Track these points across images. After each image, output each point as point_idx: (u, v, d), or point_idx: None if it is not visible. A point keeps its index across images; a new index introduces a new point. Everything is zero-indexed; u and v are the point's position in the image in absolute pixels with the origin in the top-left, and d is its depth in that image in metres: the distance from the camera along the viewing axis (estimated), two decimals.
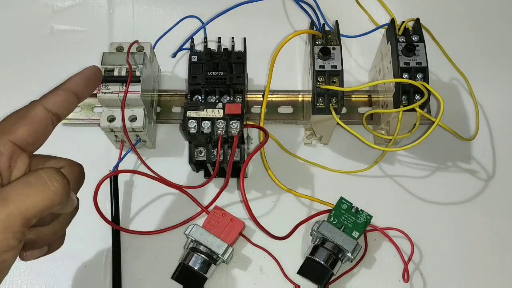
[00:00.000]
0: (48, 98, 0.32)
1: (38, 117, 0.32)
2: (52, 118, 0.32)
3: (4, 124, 0.31)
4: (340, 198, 0.52)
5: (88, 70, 0.35)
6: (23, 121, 0.31)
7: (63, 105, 0.33)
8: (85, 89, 0.35)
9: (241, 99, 0.50)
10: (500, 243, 0.53)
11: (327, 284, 0.49)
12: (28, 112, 0.32)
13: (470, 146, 0.57)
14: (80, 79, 0.34)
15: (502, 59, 0.63)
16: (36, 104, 0.32)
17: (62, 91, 0.33)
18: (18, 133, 0.31)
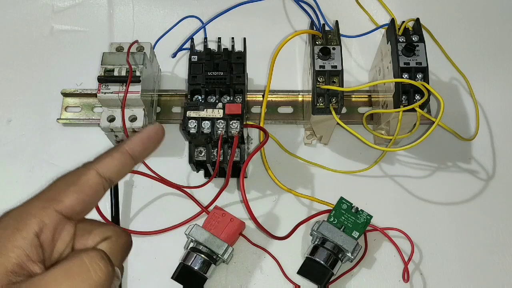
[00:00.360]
0: (102, 162, 0.29)
1: (90, 183, 0.29)
2: (104, 183, 0.29)
3: (52, 191, 0.28)
4: (340, 198, 0.52)
5: (149, 129, 0.31)
6: (73, 188, 0.28)
7: (118, 169, 0.30)
8: (144, 151, 0.31)
9: (241, 99, 0.50)
10: (500, 243, 0.53)
11: (327, 284, 0.49)
12: (79, 178, 0.29)
13: (470, 146, 0.57)
14: (140, 140, 0.31)
15: (502, 59, 0.63)
16: (89, 168, 0.29)
17: (118, 153, 0.30)
18: (66, 202, 0.28)
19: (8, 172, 0.55)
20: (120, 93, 0.49)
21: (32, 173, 0.55)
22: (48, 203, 0.27)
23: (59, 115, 0.57)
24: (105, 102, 0.50)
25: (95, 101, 0.58)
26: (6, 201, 0.54)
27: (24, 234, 0.26)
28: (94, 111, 0.58)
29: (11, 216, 0.28)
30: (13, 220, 0.27)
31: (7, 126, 0.58)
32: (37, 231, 0.27)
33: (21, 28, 0.64)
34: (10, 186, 0.55)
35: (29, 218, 0.27)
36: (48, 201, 0.28)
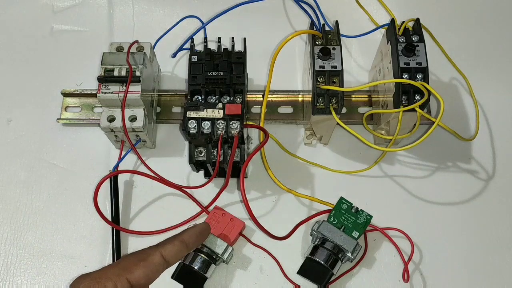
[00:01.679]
0: (165, 247, 0.37)
1: (155, 262, 0.36)
2: (164, 265, 0.36)
3: (126, 263, 0.35)
4: (340, 198, 0.52)
5: (201, 226, 0.43)
6: (142, 264, 0.35)
7: (176, 254, 0.38)
8: (196, 242, 0.41)
9: (241, 99, 0.50)
10: (500, 243, 0.53)
11: (327, 284, 0.49)
12: (147, 256, 0.36)
13: (470, 146, 0.57)
14: (194, 233, 0.41)
15: (502, 59, 0.63)
16: (155, 250, 0.36)
17: (178, 241, 0.38)
18: (136, 274, 0.34)
19: (8, 172, 0.55)
20: (120, 93, 0.49)
21: (32, 173, 0.55)
22: (122, 271, 0.34)
23: (59, 115, 0.57)
24: (105, 102, 0.50)
25: (95, 101, 0.58)
26: (6, 201, 0.54)
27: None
28: (94, 111, 0.58)
29: (91, 278, 0.33)
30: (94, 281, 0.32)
31: (7, 126, 0.58)
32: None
33: (21, 28, 0.64)
34: (10, 186, 0.55)
35: (107, 281, 0.33)
36: (122, 269, 0.34)
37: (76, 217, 0.53)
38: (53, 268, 0.51)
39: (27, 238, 0.52)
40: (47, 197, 0.54)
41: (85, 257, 0.52)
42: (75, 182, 0.55)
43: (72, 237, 0.53)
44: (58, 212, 0.53)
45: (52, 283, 0.51)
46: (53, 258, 0.52)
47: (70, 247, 0.52)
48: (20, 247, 0.52)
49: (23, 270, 0.51)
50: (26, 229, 0.53)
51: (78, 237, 0.53)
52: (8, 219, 0.53)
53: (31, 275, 0.51)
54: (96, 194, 0.49)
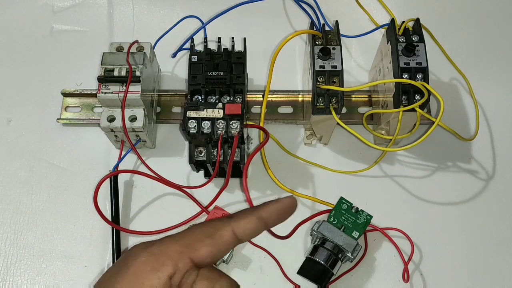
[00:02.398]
0: (239, 223, 0.31)
1: (224, 240, 0.31)
2: (235, 242, 0.31)
3: (189, 238, 0.30)
4: (340, 198, 0.52)
5: (286, 202, 0.33)
6: (209, 241, 0.30)
7: (251, 232, 0.32)
8: (277, 221, 0.33)
9: (241, 99, 0.50)
10: (500, 243, 0.53)
11: (327, 284, 0.49)
12: (216, 231, 0.31)
13: (470, 146, 0.57)
14: (276, 210, 0.33)
15: (502, 59, 0.63)
16: (226, 225, 0.31)
17: (256, 219, 0.32)
18: (201, 252, 0.30)
19: (8, 172, 0.55)
20: (120, 93, 0.49)
21: (32, 173, 0.55)
22: (185, 249, 0.30)
23: (59, 115, 0.57)
24: (105, 102, 0.50)
25: (95, 101, 0.58)
26: (6, 201, 0.54)
27: (160, 274, 0.28)
28: (94, 111, 0.58)
29: (150, 253, 0.30)
30: (153, 258, 0.29)
31: (7, 126, 0.58)
32: (171, 274, 0.29)
33: (21, 28, 0.64)
34: (10, 186, 0.55)
35: (166, 260, 0.29)
36: (185, 247, 0.30)
37: (76, 217, 0.53)
38: (53, 268, 0.51)
39: (27, 238, 0.52)
40: (47, 197, 0.54)
41: (85, 257, 0.52)
42: (75, 182, 0.55)
43: (72, 237, 0.53)
44: (58, 212, 0.53)
45: (52, 283, 0.51)
46: (53, 258, 0.52)
47: (70, 247, 0.52)
48: (20, 247, 0.52)
49: (23, 270, 0.51)
50: (26, 229, 0.53)
51: (78, 237, 0.53)
52: (8, 219, 0.53)
53: (31, 275, 0.51)
54: (96, 194, 0.49)
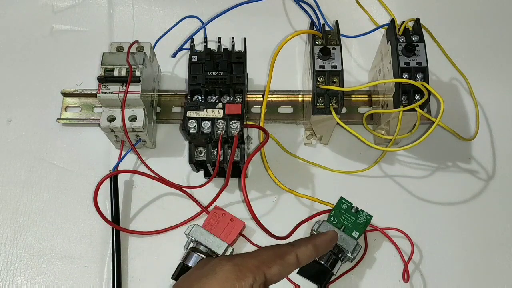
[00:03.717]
0: (301, 249, 0.38)
1: (290, 262, 0.37)
2: (296, 265, 0.37)
3: (265, 257, 0.36)
4: (340, 198, 0.52)
5: (332, 233, 0.45)
6: (279, 261, 0.36)
7: (308, 257, 0.38)
8: (325, 249, 0.42)
9: (241, 99, 0.50)
10: (500, 243, 0.53)
11: (327, 284, 0.49)
12: (285, 254, 0.37)
13: (470, 146, 0.57)
14: (326, 239, 0.42)
15: (502, 59, 0.63)
16: (292, 250, 0.37)
17: (312, 246, 0.39)
18: (273, 270, 0.35)
19: (8, 172, 0.55)
20: (120, 93, 0.49)
21: (32, 173, 0.55)
22: (261, 264, 0.35)
23: (59, 115, 0.57)
24: (105, 102, 0.50)
25: (95, 101, 0.58)
26: (6, 201, 0.54)
27: (243, 283, 0.33)
28: (94, 111, 0.58)
29: (234, 263, 0.34)
30: (237, 268, 0.34)
31: (7, 126, 0.58)
32: (251, 284, 0.33)
33: (21, 28, 0.64)
34: (10, 186, 0.55)
35: (248, 271, 0.34)
36: (261, 263, 0.35)
37: (76, 217, 0.53)
38: (53, 268, 0.51)
39: (27, 238, 0.52)
40: (47, 197, 0.54)
41: (85, 257, 0.52)
42: (75, 182, 0.55)
43: (72, 237, 0.53)
44: (58, 212, 0.53)
45: (52, 283, 0.51)
46: (53, 258, 0.52)
47: (70, 247, 0.52)
48: (20, 247, 0.52)
49: (23, 270, 0.51)
50: (26, 229, 0.53)
51: (78, 237, 0.53)
52: (8, 219, 0.53)
53: (31, 275, 0.51)
54: (96, 194, 0.49)
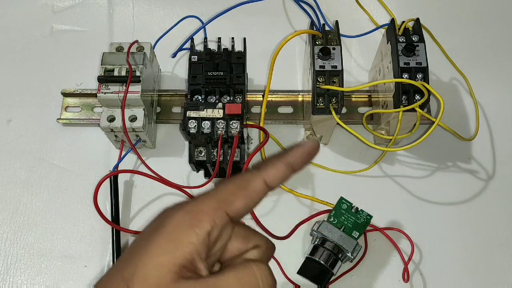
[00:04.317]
0: (269, 171, 0.31)
1: (257, 191, 0.30)
2: (267, 191, 0.31)
3: (224, 193, 0.30)
4: (340, 198, 0.52)
5: (309, 145, 0.34)
6: (242, 193, 0.30)
7: (280, 180, 0.32)
8: (302, 164, 0.33)
9: (241, 99, 0.50)
10: (500, 243, 0.53)
11: (327, 284, 0.49)
12: (248, 184, 0.30)
13: (470, 146, 0.57)
14: (302, 154, 0.33)
15: (502, 59, 0.63)
16: (257, 176, 0.31)
17: (283, 165, 0.32)
18: (236, 205, 0.29)
19: (8, 172, 0.55)
20: (120, 93, 0.49)
21: (32, 173, 0.55)
22: (220, 204, 0.29)
23: (59, 115, 0.57)
24: (105, 102, 0.50)
25: (95, 101, 0.58)
26: (6, 201, 0.54)
27: (197, 231, 0.27)
28: (94, 111, 0.58)
29: (186, 211, 0.29)
30: (189, 216, 0.28)
31: (7, 126, 0.58)
32: (209, 230, 0.28)
33: (21, 28, 0.64)
34: (10, 186, 0.55)
35: (203, 216, 0.28)
36: (220, 202, 0.29)
37: (76, 217, 0.53)
38: (53, 268, 0.51)
39: (27, 238, 0.52)
40: (47, 197, 0.54)
41: (85, 257, 0.52)
42: (75, 182, 0.55)
43: (72, 237, 0.53)
44: (58, 212, 0.53)
45: (52, 283, 0.51)
46: (53, 258, 0.52)
47: (70, 247, 0.52)
48: (20, 247, 0.52)
49: (23, 270, 0.51)
50: (26, 229, 0.53)
51: (78, 237, 0.53)
52: (8, 219, 0.53)
53: (31, 275, 0.51)
54: (96, 194, 0.49)
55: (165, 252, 0.27)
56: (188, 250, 0.27)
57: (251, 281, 0.27)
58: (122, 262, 0.28)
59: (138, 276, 0.26)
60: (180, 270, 0.26)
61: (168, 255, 0.26)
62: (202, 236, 0.27)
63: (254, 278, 0.27)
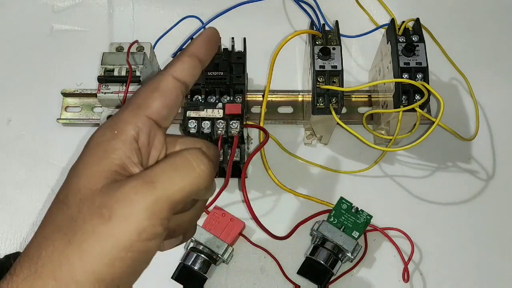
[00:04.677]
0: (175, 67, 0.30)
1: (169, 87, 0.29)
2: (181, 87, 0.30)
3: (138, 98, 0.29)
4: (340, 198, 0.52)
5: (207, 31, 0.33)
6: (156, 94, 0.29)
7: (190, 72, 0.31)
8: (207, 53, 0.33)
9: (241, 99, 0.50)
10: (500, 243, 0.53)
11: (327, 284, 0.49)
12: (158, 83, 0.29)
13: (470, 146, 0.57)
14: (202, 42, 0.32)
15: (502, 59, 0.63)
16: (165, 74, 0.30)
17: (187, 57, 0.31)
18: (154, 107, 0.28)
19: (8, 172, 0.55)
20: (120, 93, 0.49)
21: (32, 173, 0.55)
22: (138, 109, 0.28)
23: (59, 115, 0.57)
24: (105, 102, 0.50)
25: (95, 101, 0.58)
26: (6, 201, 0.54)
27: (122, 138, 0.27)
28: (94, 111, 0.58)
29: (106, 127, 0.28)
30: (110, 129, 0.28)
31: (7, 126, 0.58)
32: (134, 135, 0.27)
33: (21, 28, 0.64)
34: (10, 186, 0.55)
35: (125, 124, 0.27)
36: (137, 108, 0.28)
37: None
38: None
39: (27, 238, 0.52)
40: (47, 197, 0.54)
41: None
42: None
43: None
44: None
45: None
46: None
47: None
48: (20, 247, 0.52)
49: None
50: (26, 229, 0.53)
51: None
52: (8, 219, 0.53)
53: None
54: None
55: (92, 164, 0.26)
56: (115, 156, 0.26)
57: (184, 163, 0.26)
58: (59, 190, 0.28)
59: (72, 193, 0.26)
60: (112, 175, 0.26)
61: (95, 166, 0.26)
62: (129, 142, 0.27)
63: (187, 161, 0.27)
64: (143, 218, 0.25)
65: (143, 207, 0.25)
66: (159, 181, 0.25)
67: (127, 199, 0.25)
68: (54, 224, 0.26)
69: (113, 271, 0.24)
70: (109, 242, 0.24)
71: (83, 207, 0.25)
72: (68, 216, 0.25)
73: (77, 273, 0.24)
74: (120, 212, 0.24)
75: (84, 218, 0.25)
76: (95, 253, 0.24)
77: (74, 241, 0.24)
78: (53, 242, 0.25)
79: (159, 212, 0.25)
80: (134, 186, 0.25)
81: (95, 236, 0.24)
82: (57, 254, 0.24)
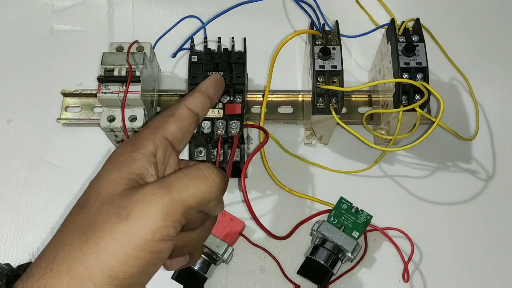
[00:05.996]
0: (189, 100, 0.35)
1: (183, 115, 0.34)
2: (193, 116, 0.34)
3: (157, 121, 0.33)
4: (340, 198, 0.52)
5: (214, 76, 0.40)
6: (172, 119, 0.33)
7: (201, 105, 0.36)
8: (215, 92, 0.38)
9: (241, 99, 0.50)
10: (500, 243, 0.53)
11: (327, 284, 0.49)
12: (174, 111, 0.34)
13: (470, 146, 0.57)
14: (210, 83, 0.38)
15: (502, 59, 0.63)
16: (180, 104, 0.35)
17: (198, 93, 0.36)
18: (170, 129, 0.32)
19: (8, 172, 0.55)
20: (120, 93, 0.49)
21: (32, 173, 0.55)
22: (156, 129, 0.32)
23: (59, 115, 0.57)
24: (105, 102, 0.50)
25: (95, 101, 0.58)
26: (6, 201, 0.54)
27: (142, 151, 0.30)
28: (94, 111, 0.58)
29: (127, 142, 0.32)
30: (131, 144, 0.31)
31: (7, 126, 0.58)
32: (153, 150, 0.31)
33: (21, 28, 0.64)
34: (10, 186, 0.55)
35: (144, 140, 0.31)
36: (155, 128, 0.32)
37: None
38: None
39: (27, 238, 0.52)
40: (47, 197, 0.54)
41: None
42: (75, 182, 0.55)
43: None
44: (58, 212, 0.53)
45: None
46: None
47: None
48: (20, 247, 0.52)
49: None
50: (26, 229, 0.53)
51: None
52: (8, 219, 0.53)
53: None
54: None
55: (113, 171, 0.29)
56: (135, 166, 0.29)
57: (197, 173, 0.29)
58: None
59: (92, 197, 0.28)
60: (131, 182, 0.28)
61: (116, 173, 0.29)
62: (147, 155, 0.30)
63: (201, 172, 0.29)
64: (158, 218, 0.27)
65: (159, 207, 0.27)
66: (175, 186, 0.28)
67: (145, 200, 0.27)
68: (74, 225, 0.28)
69: (126, 270, 0.26)
70: (125, 240, 0.26)
71: (102, 208, 0.27)
72: (88, 217, 0.27)
73: (92, 270, 0.25)
74: (137, 211, 0.26)
75: (103, 218, 0.27)
76: (111, 249, 0.26)
77: (91, 239, 0.26)
78: (71, 241, 0.27)
79: (173, 214, 0.27)
80: (152, 188, 0.27)
81: (112, 234, 0.26)
82: (74, 251, 0.26)
